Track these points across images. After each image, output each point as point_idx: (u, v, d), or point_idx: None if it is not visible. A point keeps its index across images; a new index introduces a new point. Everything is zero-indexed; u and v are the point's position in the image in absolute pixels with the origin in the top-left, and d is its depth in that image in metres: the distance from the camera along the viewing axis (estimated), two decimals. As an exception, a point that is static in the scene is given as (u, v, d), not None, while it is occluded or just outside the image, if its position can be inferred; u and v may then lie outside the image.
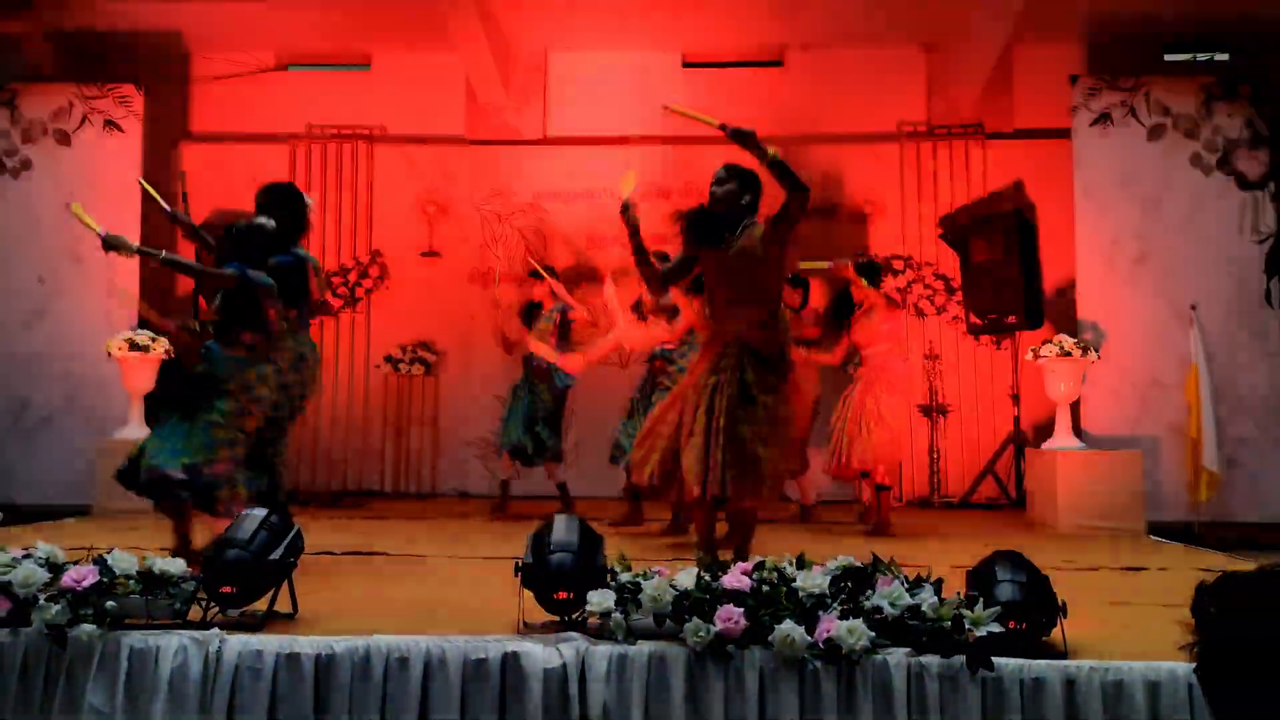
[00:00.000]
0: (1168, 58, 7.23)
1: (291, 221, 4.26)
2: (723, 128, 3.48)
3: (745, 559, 2.79)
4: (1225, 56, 7.23)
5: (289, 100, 7.84)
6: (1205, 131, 6.53)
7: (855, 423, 5.43)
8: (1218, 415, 6.21)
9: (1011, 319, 6.83)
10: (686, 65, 7.86)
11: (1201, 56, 7.22)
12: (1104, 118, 6.61)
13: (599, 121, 7.77)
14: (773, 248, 3.66)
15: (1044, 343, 6.08)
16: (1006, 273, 6.82)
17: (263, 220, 4.14)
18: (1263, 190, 6.49)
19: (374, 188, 7.83)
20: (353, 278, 7.73)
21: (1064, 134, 6.84)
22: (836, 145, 7.66)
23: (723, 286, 3.74)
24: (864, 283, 5.46)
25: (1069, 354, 5.90)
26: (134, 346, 6.19)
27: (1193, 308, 6.32)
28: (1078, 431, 6.18)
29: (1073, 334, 6.26)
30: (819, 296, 6.23)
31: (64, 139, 7.06)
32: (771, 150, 3.46)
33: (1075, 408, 6.26)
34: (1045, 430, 6.59)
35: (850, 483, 5.94)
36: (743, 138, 3.50)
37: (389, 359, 7.60)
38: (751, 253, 3.65)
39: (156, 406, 5.48)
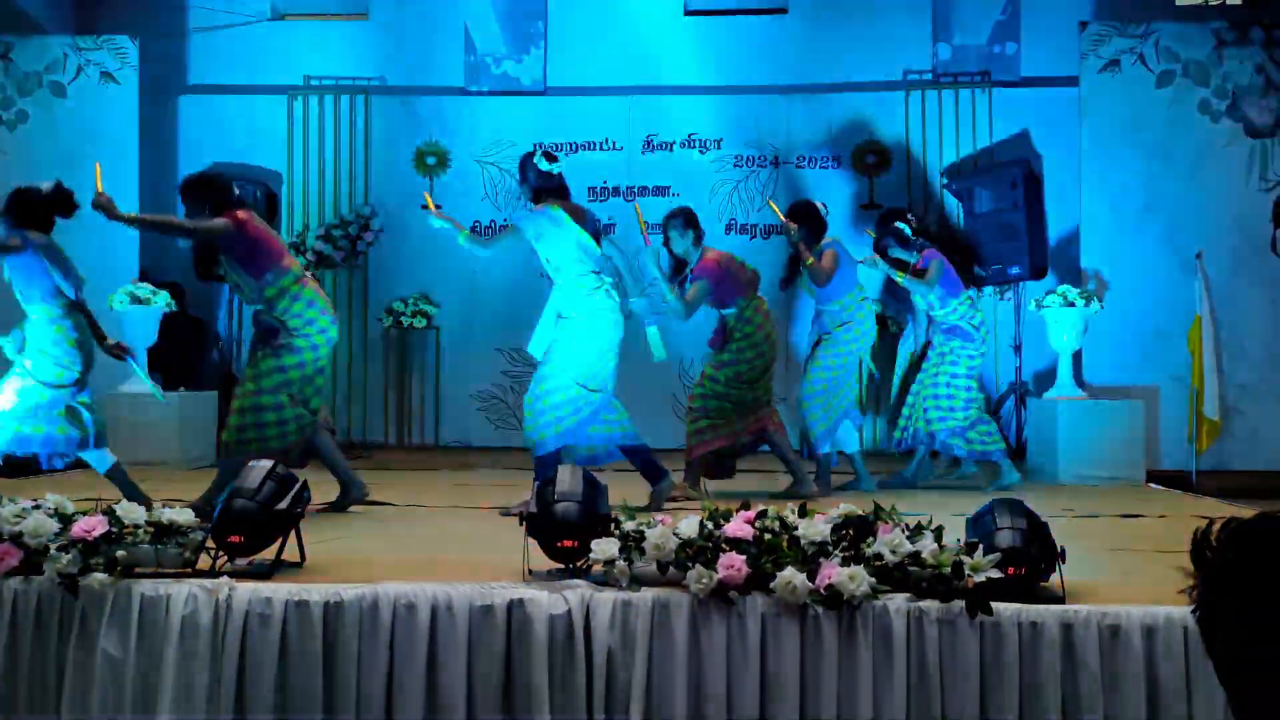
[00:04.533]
0: (1179, 2, 7.10)
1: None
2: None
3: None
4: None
5: (286, 51, 7.74)
6: (1215, 78, 6.44)
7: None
8: (1220, 364, 6.22)
9: (1016, 269, 6.81)
10: (689, 13, 7.74)
11: (1214, 0, 7.09)
12: (1112, 64, 6.51)
13: (600, 71, 7.67)
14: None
15: (1047, 293, 6.06)
16: (1011, 223, 6.79)
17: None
18: (1272, 138, 6.42)
19: (373, 140, 7.76)
20: (353, 231, 7.70)
21: (1071, 82, 6.75)
22: (841, 94, 7.57)
23: None
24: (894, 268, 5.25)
25: (1072, 304, 5.88)
26: (135, 300, 6.19)
27: (1198, 256, 6.29)
28: (1079, 381, 6.19)
29: (1076, 283, 6.23)
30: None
31: (60, 91, 6.99)
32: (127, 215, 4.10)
33: (1077, 357, 6.26)
34: (1047, 380, 6.60)
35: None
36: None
37: (390, 311, 7.60)
38: None
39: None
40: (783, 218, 5.05)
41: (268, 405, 4.04)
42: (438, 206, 4.54)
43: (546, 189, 4.29)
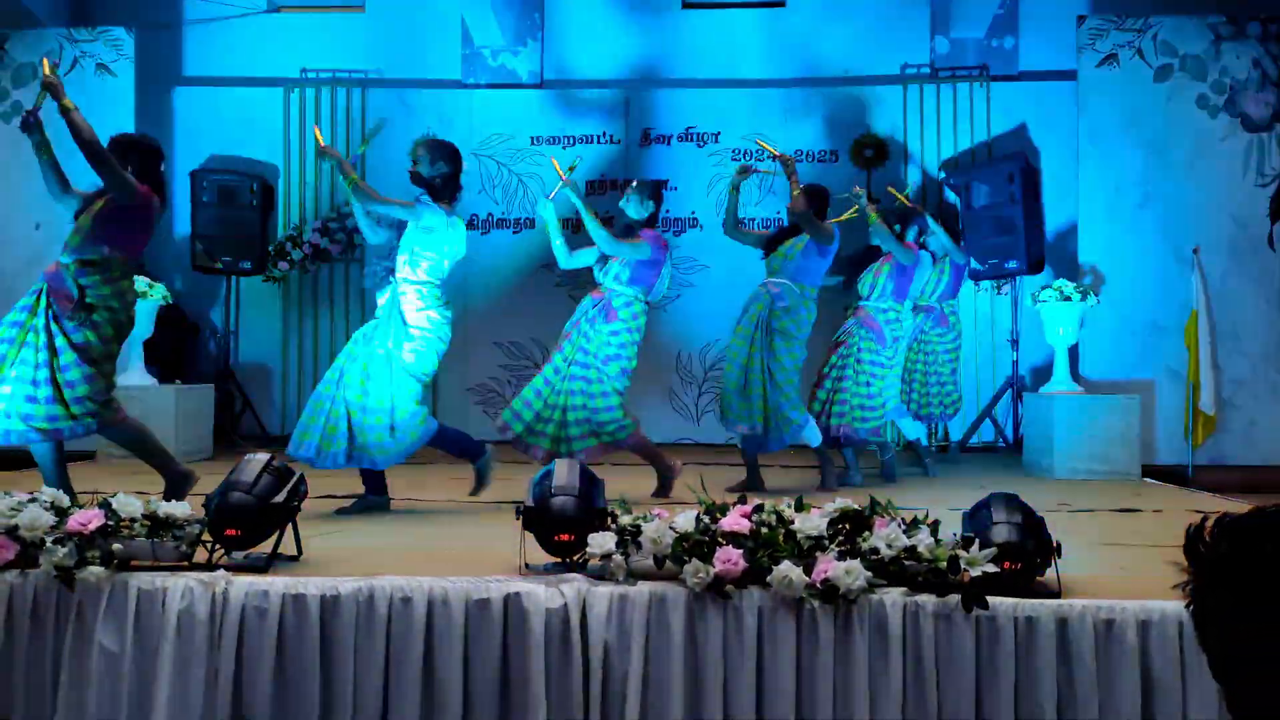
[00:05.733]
0: (1176, -4, 7.08)
1: None
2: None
3: None
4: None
5: (282, 43, 7.72)
6: (1212, 72, 6.44)
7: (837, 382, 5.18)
8: (1216, 359, 6.23)
9: (1013, 263, 6.81)
10: (686, 6, 7.72)
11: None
12: (1110, 59, 6.50)
13: (598, 64, 7.65)
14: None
15: (1044, 287, 6.06)
16: (1009, 217, 6.79)
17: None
18: (1269, 132, 6.42)
19: (369, 132, 7.74)
20: (350, 224, 7.68)
21: (1069, 76, 6.75)
22: (839, 87, 7.56)
23: None
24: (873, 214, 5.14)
25: (1069, 299, 5.89)
26: (132, 293, 6.16)
27: (1195, 251, 6.30)
28: (1076, 376, 6.20)
29: (1073, 278, 6.24)
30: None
31: (55, 83, 6.96)
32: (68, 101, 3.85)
33: (1074, 352, 6.27)
34: (1043, 374, 6.61)
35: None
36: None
37: (388, 305, 7.59)
38: None
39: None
40: (773, 152, 5.04)
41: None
42: (327, 145, 4.21)
43: (453, 192, 4.22)
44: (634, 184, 4.79)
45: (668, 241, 4.79)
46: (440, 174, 4.18)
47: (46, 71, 3.83)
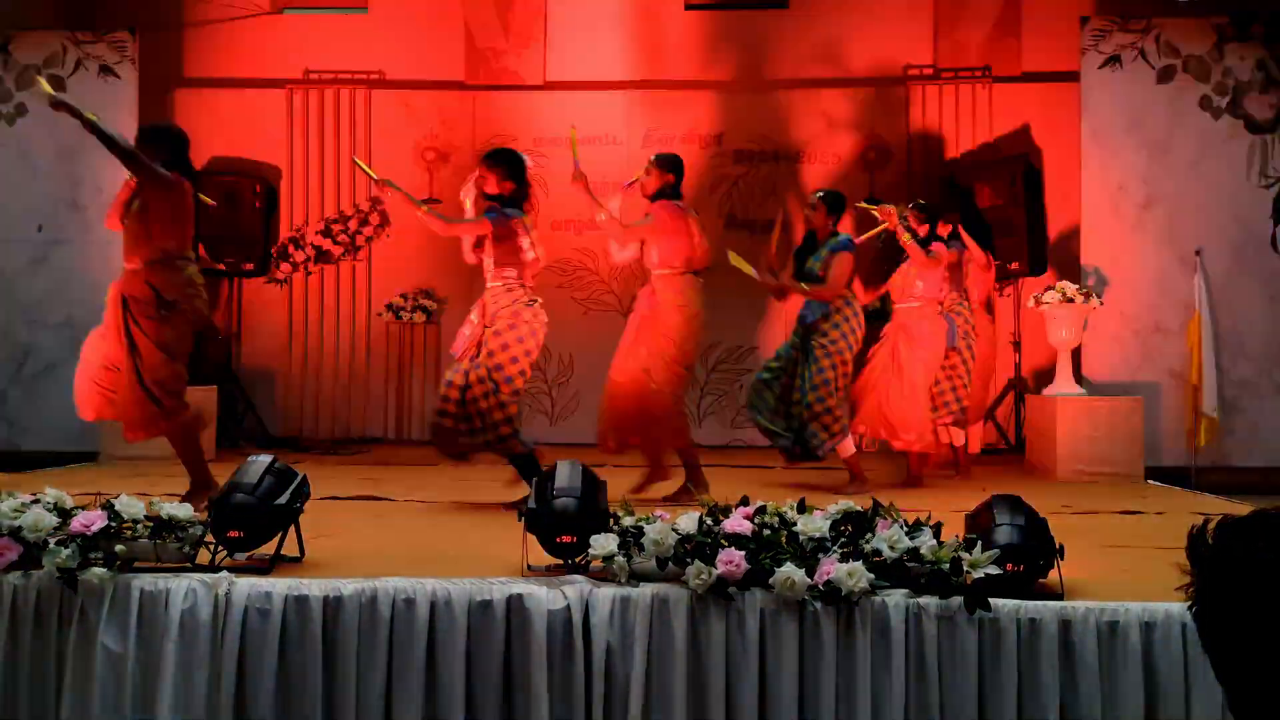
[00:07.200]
0: (1181, -4, 7.08)
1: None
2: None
3: None
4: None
5: (286, 44, 7.73)
6: (1216, 73, 6.43)
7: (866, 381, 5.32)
8: (1219, 361, 6.22)
9: (1015, 265, 6.81)
10: (689, 7, 7.72)
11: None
12: (1113, 60, 6.50)
13: (600, 65, 7.66)
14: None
15: (1046, 289, 6.06)
16: (1011, 219, 6.79)
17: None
18: (1272, 134, 6.41)
19: (373, 134, 7.75)
20: (353, 225, 7.69)
21: (1072, 77, 6.74)
22: (841, 89, 7.56)
23: None
24: (905, 233, 5.22)
25: (1071, 300, 5.88)
26: (135, 294, 6.17)
27: (1197, 253, 6.29)
28: (1078, 378, 6.19)
29: (1076, 280, 6.23)
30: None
31: (59, 85, 6.97)
32: (89, 115, 3.91)
33: (1076, 354, 6.26)
34: (1046, 376, 6.60)
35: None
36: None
37: (390, 307, 7.60)
38: None
39: None
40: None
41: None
42: (384, 182, 4.41)
43: (527, 194, 4.42)
44: (653, 159, 4.70)
45: (680, 204, 4.57)
46: (519, 190, 4.37)
47: (49, 91, 3.96)
